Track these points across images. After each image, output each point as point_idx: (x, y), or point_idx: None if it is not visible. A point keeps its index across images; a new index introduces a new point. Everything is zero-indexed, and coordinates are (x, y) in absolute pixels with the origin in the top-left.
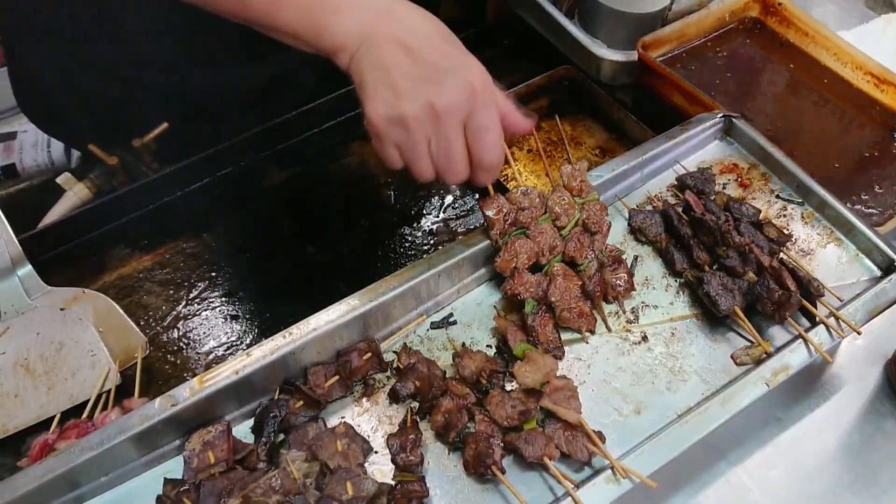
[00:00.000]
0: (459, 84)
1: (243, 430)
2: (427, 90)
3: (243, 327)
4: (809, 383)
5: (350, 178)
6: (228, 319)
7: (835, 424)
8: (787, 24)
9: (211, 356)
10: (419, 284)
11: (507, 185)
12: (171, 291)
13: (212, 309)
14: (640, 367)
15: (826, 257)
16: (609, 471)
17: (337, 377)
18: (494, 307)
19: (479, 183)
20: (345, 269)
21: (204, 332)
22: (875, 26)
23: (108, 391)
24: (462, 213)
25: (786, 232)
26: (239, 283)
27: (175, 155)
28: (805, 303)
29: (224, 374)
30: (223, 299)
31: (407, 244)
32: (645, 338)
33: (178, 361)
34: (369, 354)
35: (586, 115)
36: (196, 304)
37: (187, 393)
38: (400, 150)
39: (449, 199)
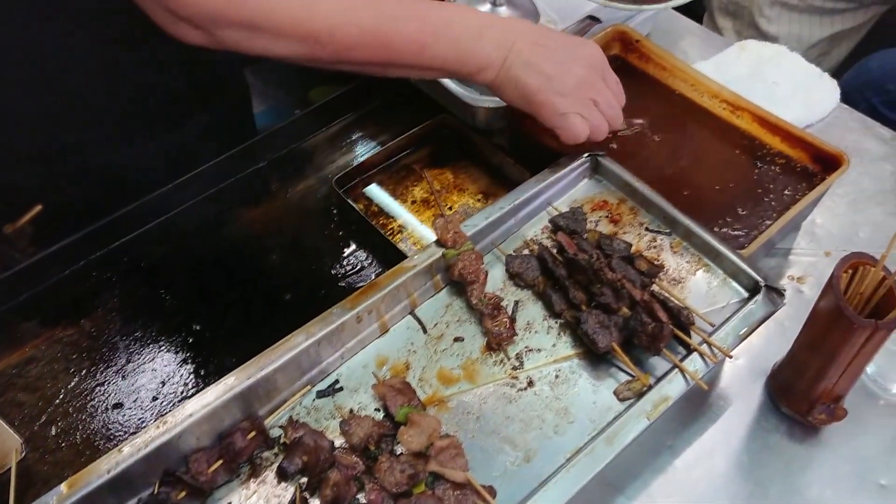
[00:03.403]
0: (588, 55)
1: None
2: (574, 67)
3: (127, 416)
4: (697, 407)
5: (234, 247)
6: (111, 409)
7: (724, 445)
8: (646, 60)
9: (91, 451)
10: (299, 355)
11: (393, 239)
12: (49, 385)
13: (92, 400)
14: (528, 414)
15: (697, 284)
16: None
17: (221, 461)
18: (373, 374)
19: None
20: (235, 344)
21: (83, 427)
22: (730, 54)
23: None
24: (351, 272)
25: (657, 263)
26: (120, 370)
27: (55, 238)
28: (678, 332)
29: (95, 475)
30: (104, 388)
31: (297, 310)
32: (531, 383)
33: (58, 461)
34: (254, 433)
35: (468, 162)
36: (75, 397)
37: (54, 502)
38: (581, 115)
39: (337, 259)
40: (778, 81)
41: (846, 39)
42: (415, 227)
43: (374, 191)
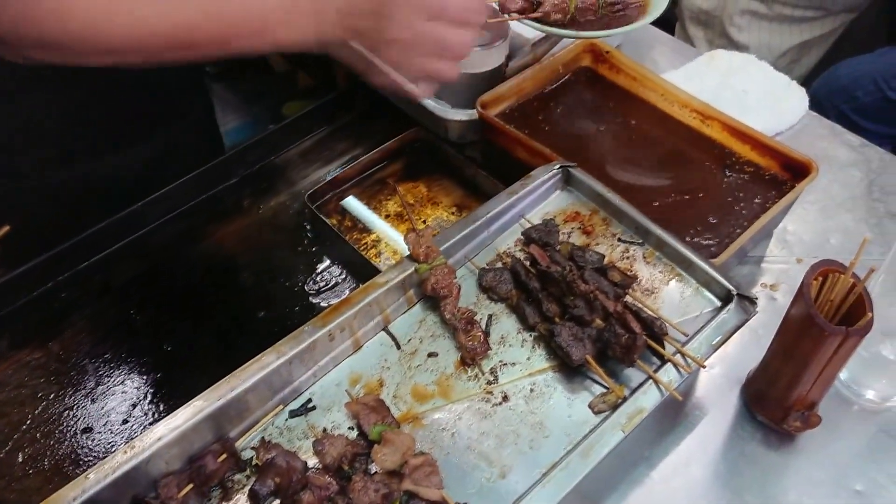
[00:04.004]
0: (403, 4)
1: None
2: (394, 31)
3: (97, 441)
4: (673, 417)
5: (205, 265)
6: (80, 434)
7: (701, 455)
8: (616, 71)
9: (60, 478)
10: (270, 375)
11: (368, 254)
12: (15, 410)
13: (61, 425)
14: (503, 429)
15: (670, 294)
16: None
17: (191, 485)
18: (347, 391)
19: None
20: (207, 364)
21: (52, 453)
22: (700, 64)
23: None
24: (325, 288)
25: (630, 273)
26: (90, 393)
27: (23, 259)
28: (651, 343)
29: (61, 503)
30: (73, 412)
31: (271, 327)
32: (506, 397)
33: (25, 489)
34: (225, 455)
35: (441, 175)
36: (43, 423)
37: None
38: (422, 80)
39: (311, 275)
40: (747, 90)
41: (815, 47)
42: (389, 242)
43: (348, 205)
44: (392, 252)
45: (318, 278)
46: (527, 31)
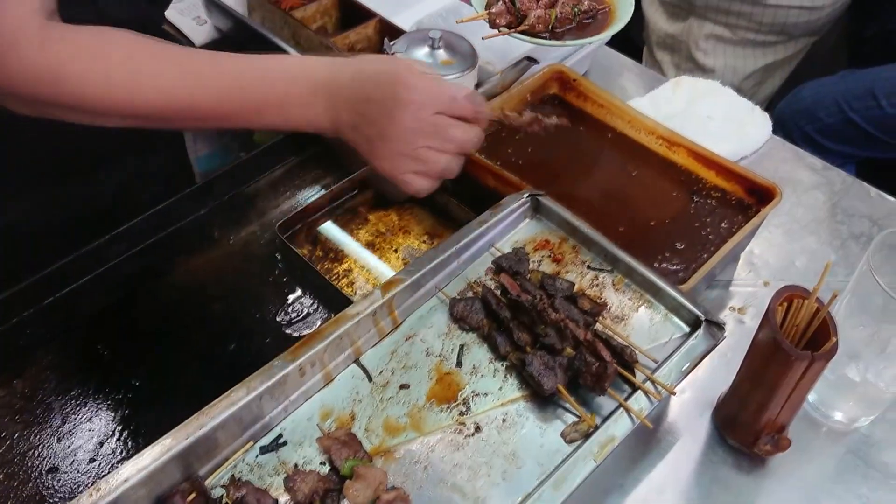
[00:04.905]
0: (408, 103)
1: None
2: (391, 127)
3: (62, 481)
4: (645, 444)
5: (176, 296)
6: (45, 475)
7: (674, 481)
8: (584, 98)
9: None
10: (240, 411)
11: (340, 283)
12: None
13: (25, 465)
14: (476, 460)
15: (639, 320)
16: None
17: None
18: (318, 426)
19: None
20: (176, 399)
21: (15, 494)
22: (666, 90)
23: None
24: (297, 318)
25: (599, 301)
26: (56, 431)
27: None
28: (622, 371)
29: None
30: (38, 452)
31: (242, 360)
32: (478, 428)
33: None
34: (194, 494)
35: (412, 203)
36: (6, 463)
37: None
38: (420, 173)
39: (282, 305)
40: (712, 116)
41: (779, 70)
42: (361, 271)
43: (319, 235)
44: (365, 280)
45: (289, 309)
46: (495, 59)
